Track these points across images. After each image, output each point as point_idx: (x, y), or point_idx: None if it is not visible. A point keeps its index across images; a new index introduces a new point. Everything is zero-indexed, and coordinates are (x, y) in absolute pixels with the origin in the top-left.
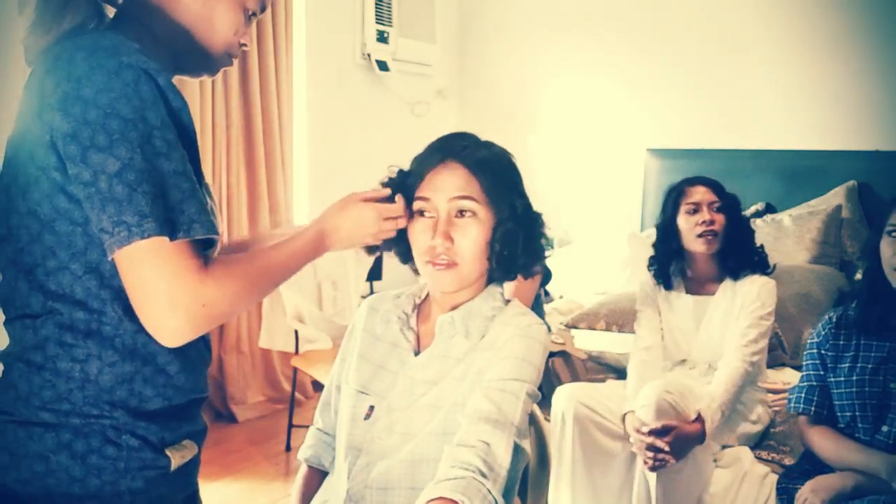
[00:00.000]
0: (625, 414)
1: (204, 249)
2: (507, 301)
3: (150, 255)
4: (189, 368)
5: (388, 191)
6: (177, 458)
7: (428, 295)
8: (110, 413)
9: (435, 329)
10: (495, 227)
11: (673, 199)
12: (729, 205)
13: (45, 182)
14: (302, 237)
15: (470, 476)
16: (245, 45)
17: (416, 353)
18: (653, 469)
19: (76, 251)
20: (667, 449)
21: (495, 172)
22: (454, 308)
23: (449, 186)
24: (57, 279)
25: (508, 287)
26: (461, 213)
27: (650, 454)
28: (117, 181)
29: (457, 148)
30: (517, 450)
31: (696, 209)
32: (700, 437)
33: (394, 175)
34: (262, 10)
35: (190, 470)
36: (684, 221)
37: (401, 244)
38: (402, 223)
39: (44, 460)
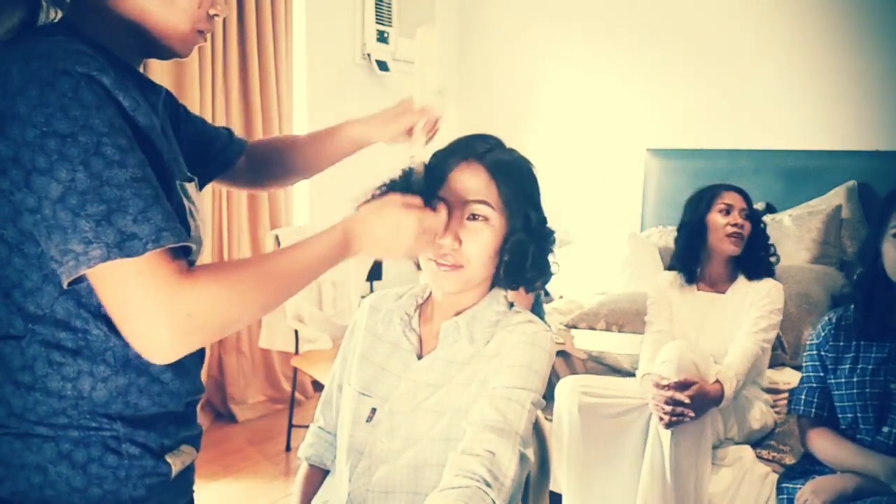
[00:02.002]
0: (643, 377)
1: (185, 255)
2: (511, 304)
3: (118, 275)
4: (183, 373)
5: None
6: (177, 464)
7: (430, 295)
8: (109, 425)
9: (439, 335)
10: (507, 236)
11: (707, 199)
12: (754, 214)
13: (6, 205)
14: (325, 239)
15: (475, 485)
16: (216, 14)
17: (419, 356)
18: (668, 425)
19: (47, 273)
20: (687, 401)
21: (515, 180)
22: (458, 313)
23: (467, 188)
24: (35, 300)
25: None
26: (474, 216)
27: (668, 408)
28: (60, 207)
29: (480, 149)
30: (521, 458)
31: (728, 211)
32: (718, 399)
33: (421, 171)
34: None
35: (188, 475)
36: (715, 221)
37: None
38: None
39: (41, 471)
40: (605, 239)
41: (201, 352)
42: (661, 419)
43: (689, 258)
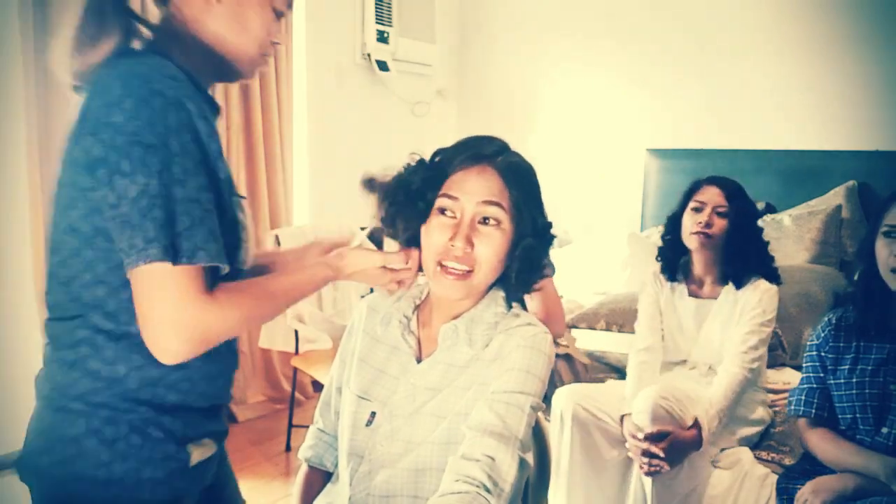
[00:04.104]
0: (622, 416)
1: (214, 273)
2: (510, 306)
3: (156, 278)
4: (214, 376)
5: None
6: (196, 454)
7: (428, 296)
8: (137, 409)
9: (438, 338)
10: (516, 241)
11: (686, 195)
12: (736, 212)
13: (82, 202)
14: (312, 274)
15: (475, 491)
16: (278, 42)
17: (418, 359)
18: (648, 474)
19: (112, 266)
20: (661, 455)
21: (525, 185)
22: (456, 315)
23: (481, 189)
24: (92, 292)
25: (535, 298)
26: (485, 220)
27: (645, 459)
28: (134, 206)
29: (491, 152)
30: (521, 463)
31: (700, 208)
32: (696, 444)
33: (414, 163)
34: (290, 6)
35: (207, 467)
36: (687, 217)
37: (409, 234)
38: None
39: (75, 443)
40: (605, 239)
41: (234, 359)
42: (641, 468)
43: (667, 255)
